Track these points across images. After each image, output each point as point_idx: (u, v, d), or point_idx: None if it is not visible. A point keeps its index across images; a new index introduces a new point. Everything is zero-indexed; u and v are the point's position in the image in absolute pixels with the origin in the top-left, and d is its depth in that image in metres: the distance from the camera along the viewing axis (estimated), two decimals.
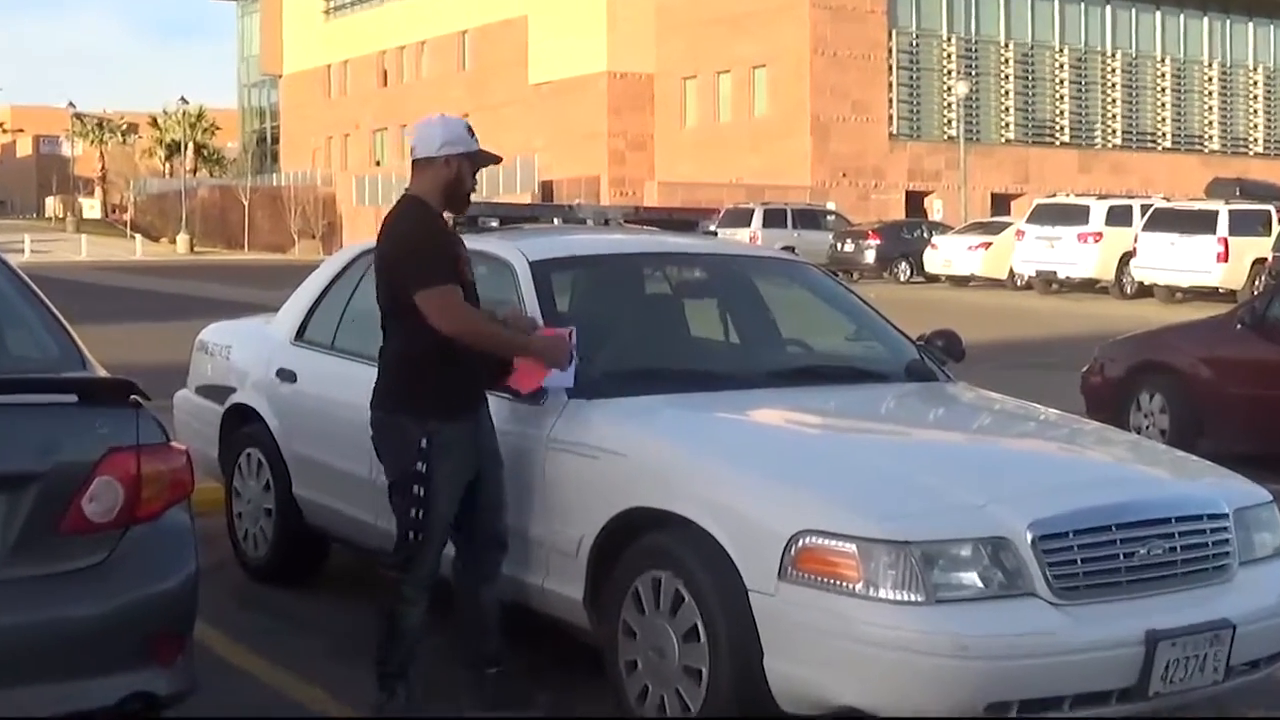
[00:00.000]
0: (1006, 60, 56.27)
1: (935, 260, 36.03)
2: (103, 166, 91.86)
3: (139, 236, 66.78)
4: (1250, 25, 60.26)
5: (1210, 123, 60.19)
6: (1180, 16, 59.16)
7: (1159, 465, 5.38)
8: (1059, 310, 27.80)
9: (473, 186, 5.21)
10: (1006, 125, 56.34)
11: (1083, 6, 57.38)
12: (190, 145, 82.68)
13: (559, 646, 5.55)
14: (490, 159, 5.22)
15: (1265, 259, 27.36)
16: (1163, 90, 59.23)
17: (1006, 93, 56.21)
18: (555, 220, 6.84)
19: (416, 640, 5.08)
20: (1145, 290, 30.09)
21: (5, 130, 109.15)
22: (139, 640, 3.94)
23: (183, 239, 65.81)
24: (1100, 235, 31.24)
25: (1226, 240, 28.32)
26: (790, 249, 35.65)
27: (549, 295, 5.62)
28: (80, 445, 3.94)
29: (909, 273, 38.00)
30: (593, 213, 6.95)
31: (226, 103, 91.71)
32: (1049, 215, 32.25)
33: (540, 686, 5.31)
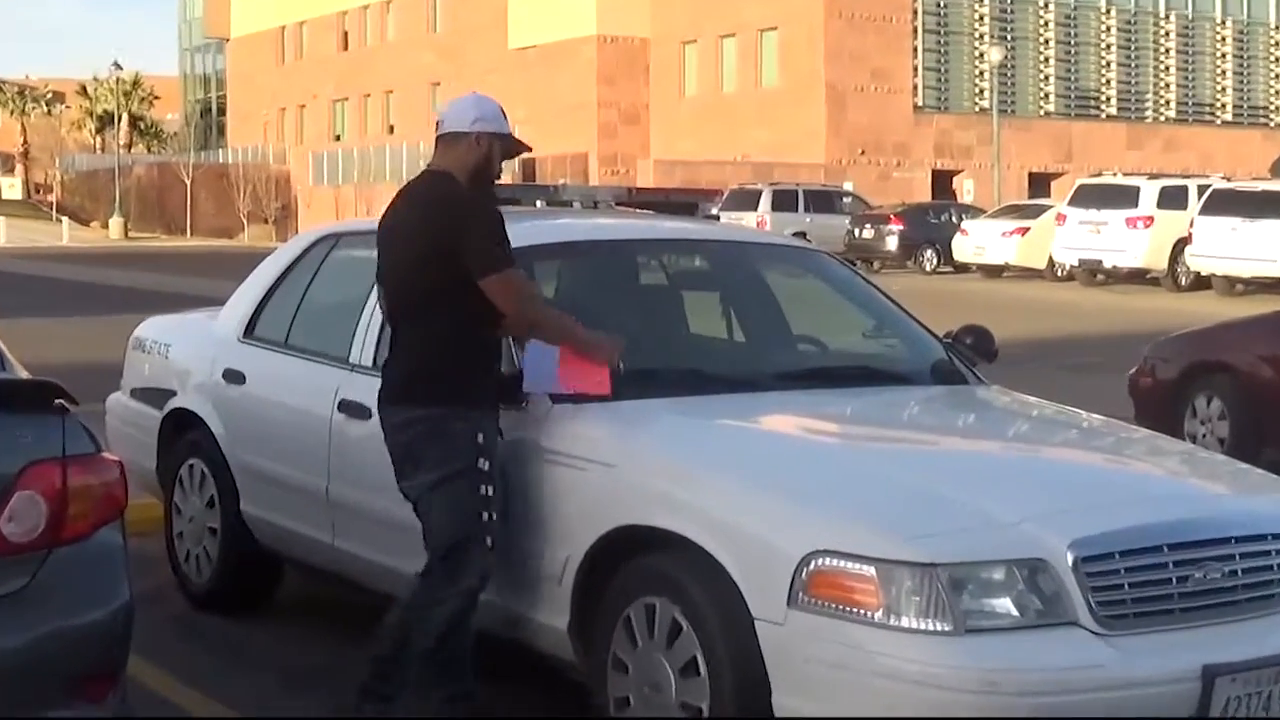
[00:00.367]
0: (1046, 23, 56.37)
1: (965, 248, 36.10)
2: (24, 140, 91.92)
3: (66, 220, 66.78)
4: None
5: (1276, 93, 60.31)
6: None
7: (1217, 478, 5.39)
8: (1104, 304, 27.86)
9: (499, 173, 5.39)
10: (1046, 96, 56.45)
11: None
12: (125, 117, 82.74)
13: (540, 683, 5.56)
14: (521, 147, 5.42)
15: None
16: (1223, 56, 59.36)
17: (1046, 59, 56.31)
18: (538, 203, 6.86)
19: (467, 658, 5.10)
20: (1202, 282, 30.15)
21: None
22: (64, 677, 3.93)
23: (116, 223, 65.79)
24: (1151, 220, 31.29)
25: None
26: (802, 235, 35.90)
27: None
28: None
29: (935, 262, 38.07)
30: (580, 194, 6.96)
31: (166, 69, 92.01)
32: (1093, 197, 32.30)
33: None
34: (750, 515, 4.56)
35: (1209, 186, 30.90)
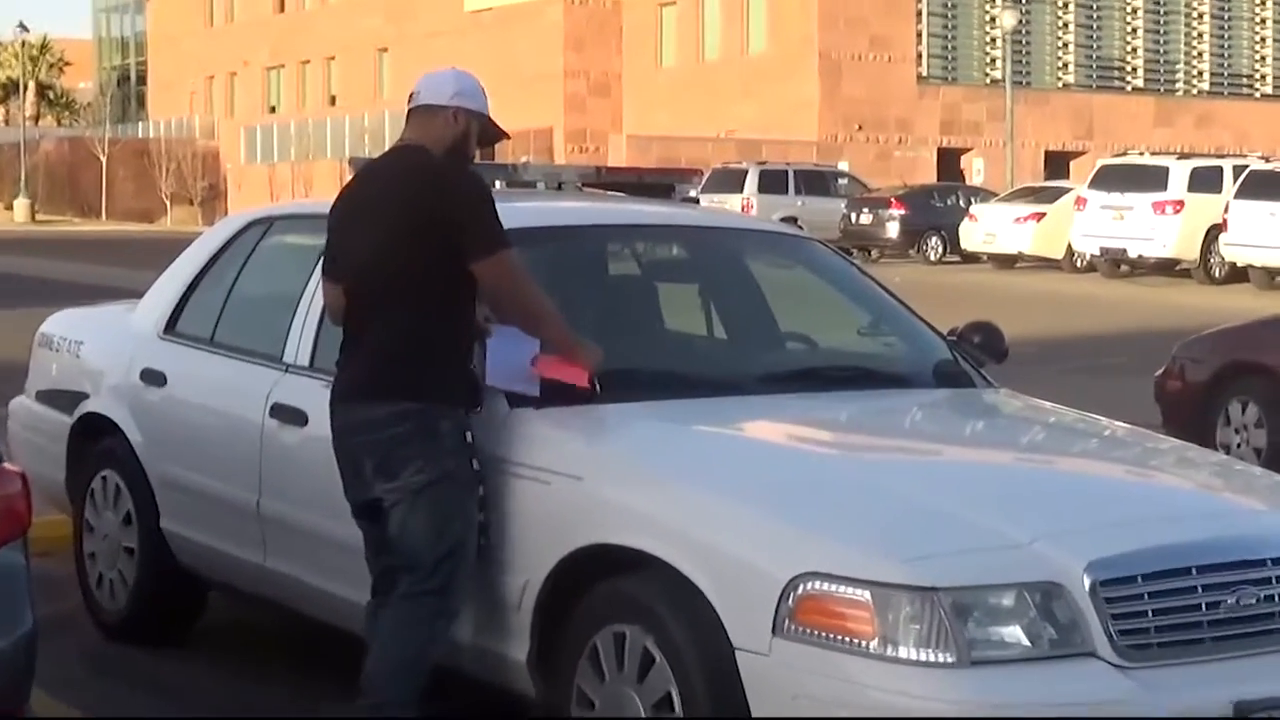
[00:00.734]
0: None
1: (974, 235, 36.18)
2: None
3: None
4: None
5: None
6: None
7: (1252, 493, 5.41)
8: (1129, 298, 27.95)
9: (474, 153, 5.45)
10: (1065, 66, 56.60)
11: None
12: (31, 85, 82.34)
13: None
14: (499, 134, 5.49)
15: None
16: (1262, 22, 59.59)
17: (1065, 25, 56.48)
18: (496, 183, 6.84)
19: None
20: (1238, 273, 30.29)
21: None
22: None
23: (21, 204, 65.52)
24: (1181, 204, 31.38)
25: None
26: (792, 220, 35.88)
27: None
28: None
29: (941, 250, 38.14)
30: (543, 174, 6.97)
31: (79, 32, 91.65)
32: (1117, 179, 32.38)
33: None
34: (731, 534, 4.56)
35: (1246, 167, 31.01)
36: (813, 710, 4.29)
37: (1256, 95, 59.37)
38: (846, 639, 4.27)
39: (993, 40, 54.11)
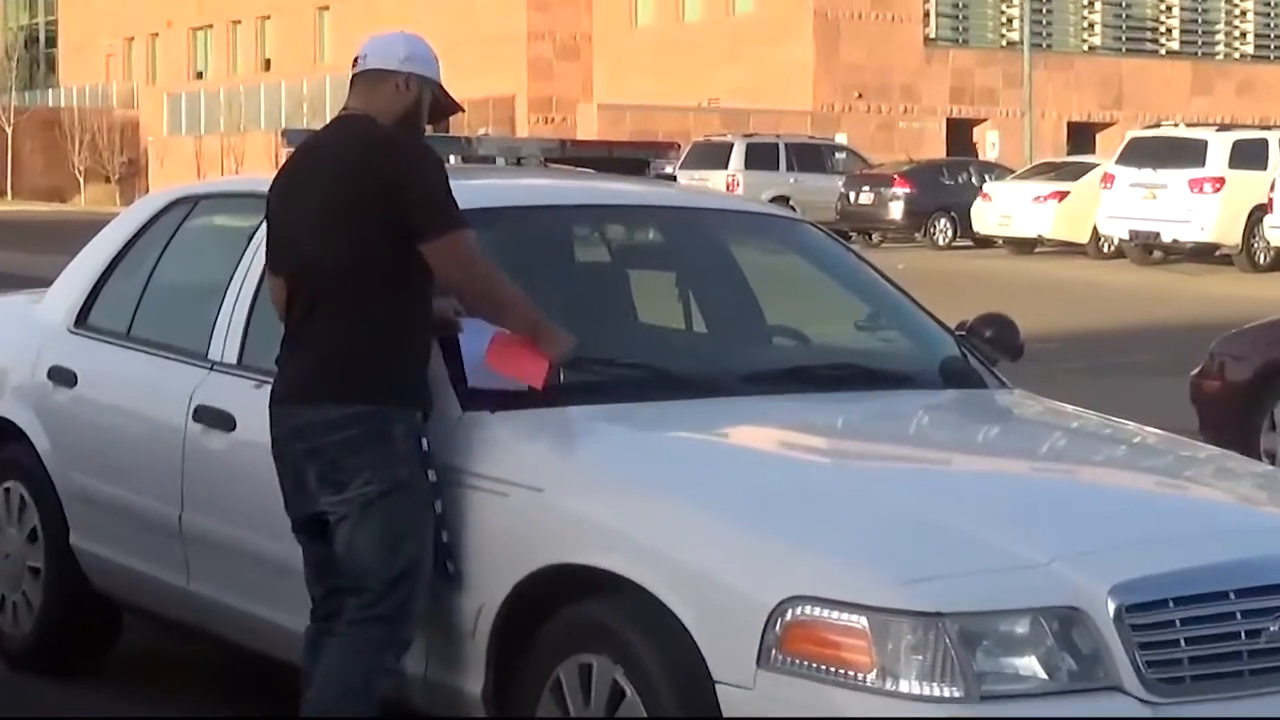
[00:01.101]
0: None
1: (988, 216, 36.26)
2: None
3: None
4: None
5: None
6: None
7: None
8: (1162, 287, 28.02)
9: (425, 125, 5.49)
10: (1090, 27, 56.76)
11: None
12: None
13: None
14: (453, 105, 5.53)
15: None
16: None
17: None
18: (450, 159, 6.86)
19: None
20: None
21: None
22: None
23: None
24: (1221, 182, 31.43)
25: None
26: (783, 200, 35.97)
27: None
28: None
29: (951, 234, 38.25)
30: (502, 148, 6.99)
31: None
32: (1149, 153, 32.41)
33: None
34: (711, 552, 4.56)
35: None
36: None
37: None
38: (840, 671, 4.26)
39: None
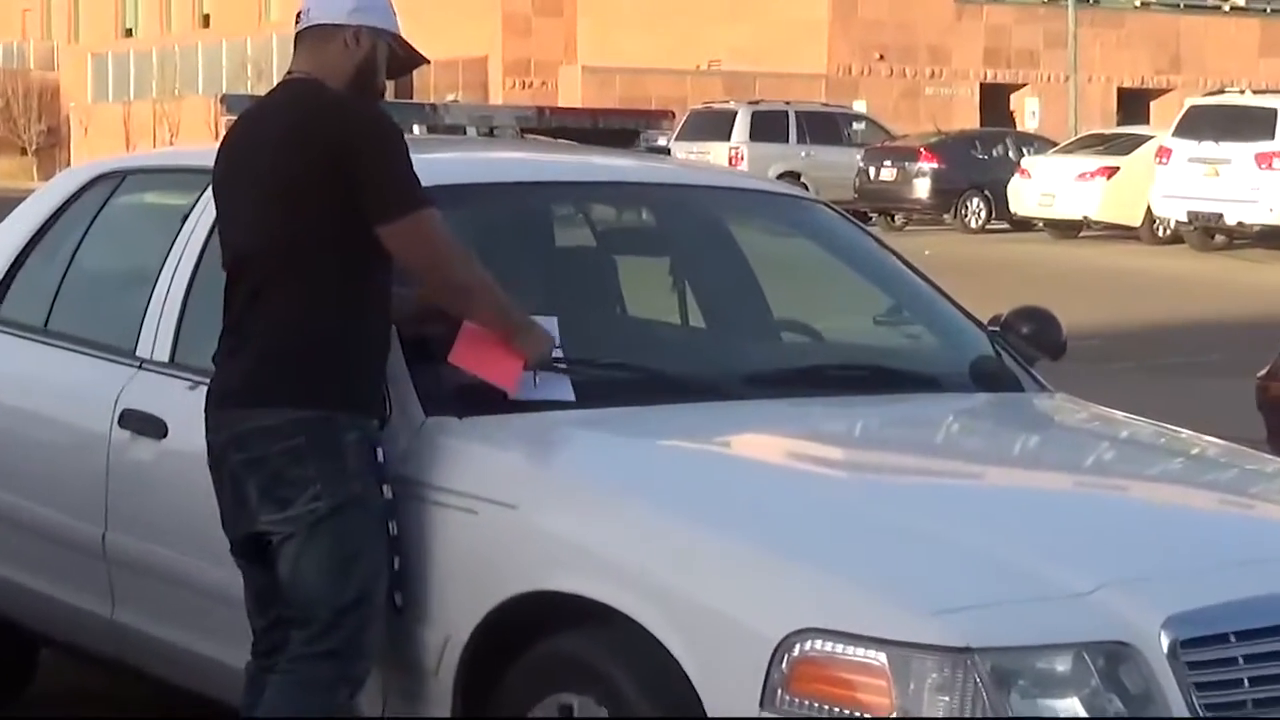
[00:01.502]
0: None
1: (1027, 195, 36.24)
2: None
3: None
4: None
5: None
6: None
7: None
8: (1225, 277, 28.03)
9: (384, 87, 5.48)
10: None
11: None
12: None
13: None
14: (415, 56, 5.53)
15: None
16: None
17: None
18: (414, 128, 6.87)
19: None
20: None
21: None
22: None
23: None
24: None
25: None
26: (793, 177, 35.94)
27: None
28: None
29: (984, 215, 38.25)
30: (472, 116, 6.98)
31: None
32: (1211, 124, 32.40)
33: None
34: (709, 578, 4.56)
35: None
36: None
37: None
38: (855, 714, 4.26)
39: None
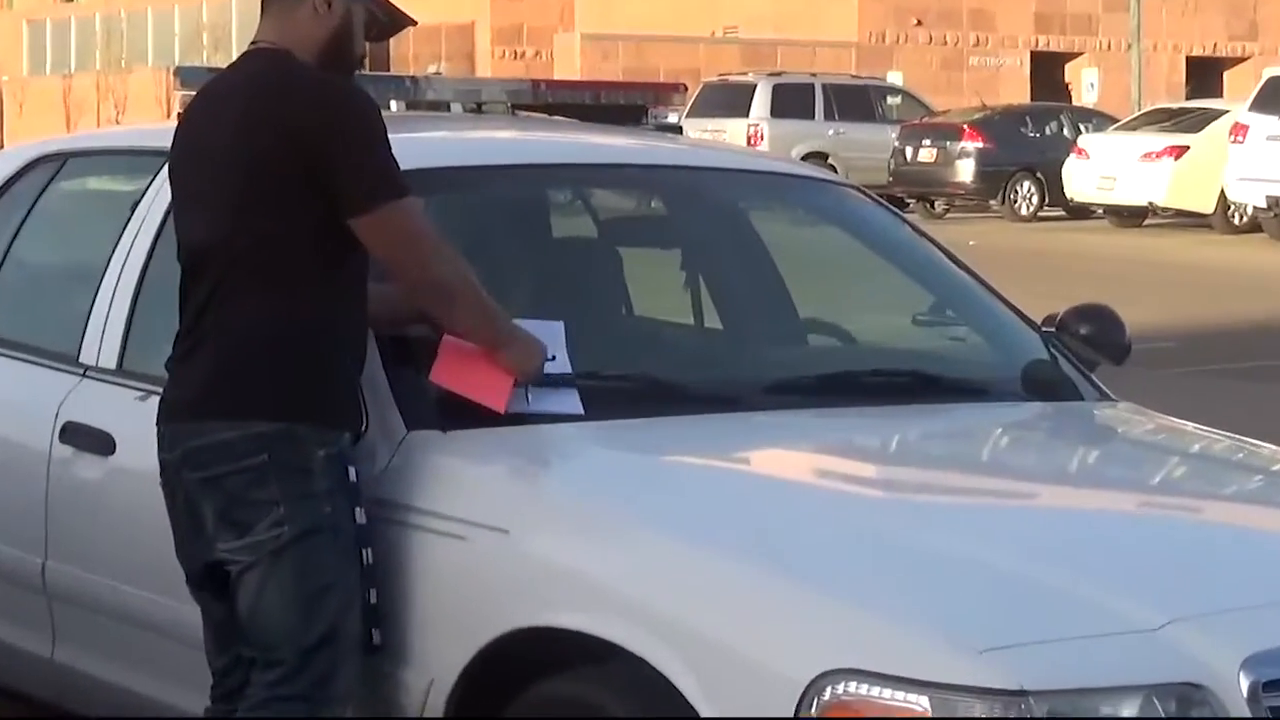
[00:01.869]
0: None
1: (1084, 178, 36.19)
2: None
3: None
4: None
5: None
6: None
7: None
8: None
9: (363, 52, 5.45)
10: None
11: None
12: None
13: None
14: (400, 17, 5.51)
15: None
16: None
17: None
18: (391, 104, 6.89)
19: None
20: None
21: None
22: None
23: None
24: None
25: None
26: (820, 158, 35.94)
27: None
28: None
29: (1036, 201, 38.21)
30: (458, 90, 6.96)
31: None
32: None
33: None
34: (727, 613, 4.55)
35: None
36: None
37: None
38: None
39: None
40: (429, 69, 43.73)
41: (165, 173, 5.57)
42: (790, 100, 40.35)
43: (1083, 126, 39.00)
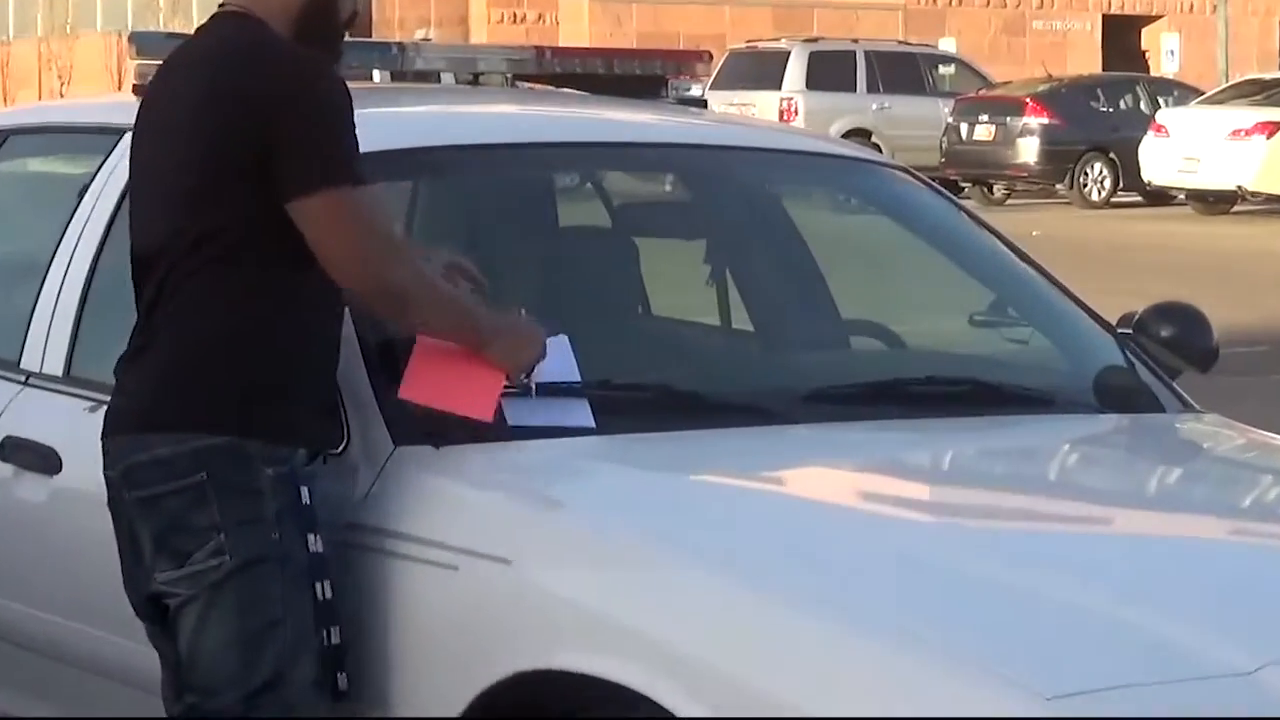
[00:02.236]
0: None
1: (1163, 159, 36.27)
2: None
3: None
4: None
5: None
6: None
7: None
8: None
9: (346, 23, 5.41)
10: None
11: None
12: None
13: None
14: None
15: None
16: None
17: None
18: (375, 75, 6.89)
19: None
20: None
21: None
22: None
23: None
24: None
25: None
26: (864, 136, 36.01)
27: None
28: None
29: (1110, 184, 38.28)
30: (450, 59, 6.98)
31: None
32: None
33: None
34: (760, 656, 4.55)
35: None
36: None
37: None
38: None
39: None
40: (417, 34, 43.74)
41: (117, 153, 5.56)
42: (829, 70, 40.45)
43: (1162, 100, 39.10)
